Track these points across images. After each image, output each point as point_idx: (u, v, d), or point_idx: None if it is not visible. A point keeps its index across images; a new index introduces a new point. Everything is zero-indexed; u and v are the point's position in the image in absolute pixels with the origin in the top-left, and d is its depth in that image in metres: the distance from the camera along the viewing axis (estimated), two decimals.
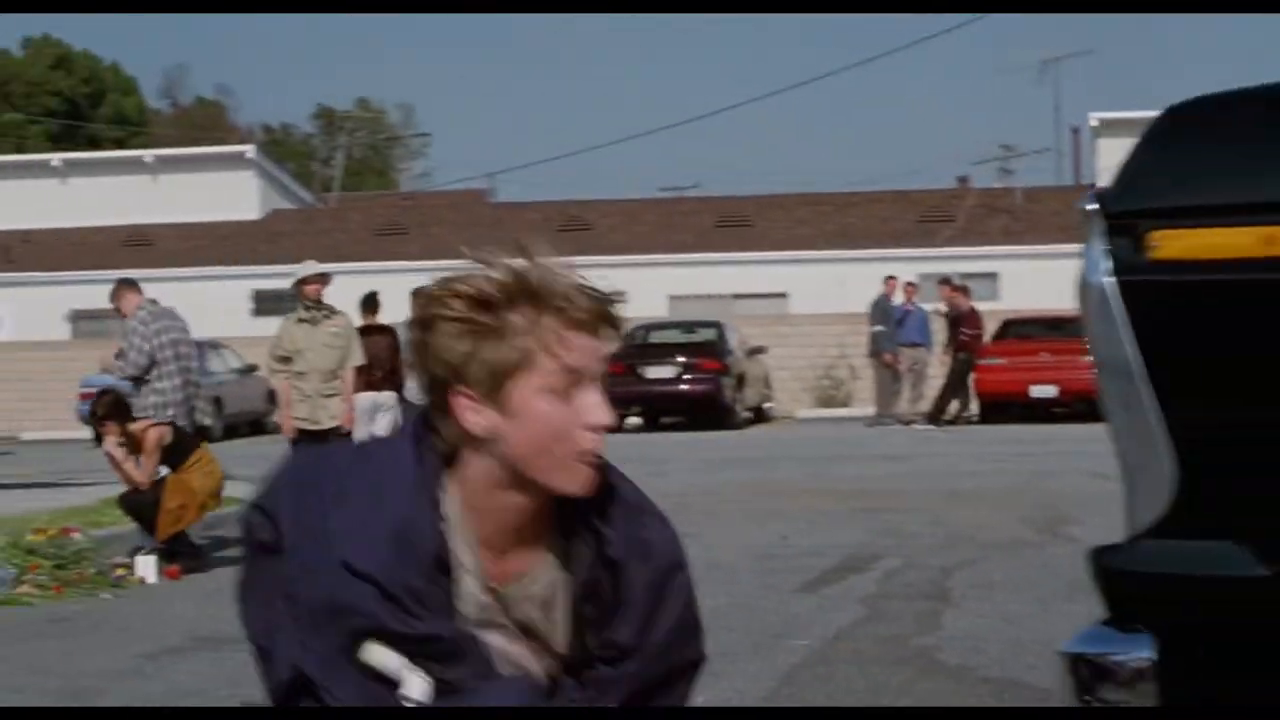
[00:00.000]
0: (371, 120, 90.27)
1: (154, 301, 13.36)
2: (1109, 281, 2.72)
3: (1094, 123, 48.11)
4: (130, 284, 13.44)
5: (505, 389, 2.60)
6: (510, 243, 2.69)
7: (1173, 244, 2.67)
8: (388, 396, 17.21)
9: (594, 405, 2.63)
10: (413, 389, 17.67)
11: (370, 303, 17.42)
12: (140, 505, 12.59)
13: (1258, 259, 2.59)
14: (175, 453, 12.72)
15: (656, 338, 32.29)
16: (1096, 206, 2.75)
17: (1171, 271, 2.67)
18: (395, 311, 18.61)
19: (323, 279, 14.37)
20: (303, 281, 14.38)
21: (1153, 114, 2.89)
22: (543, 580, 2.80)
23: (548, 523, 2.78)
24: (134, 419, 12.70)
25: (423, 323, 2.66)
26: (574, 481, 2.66)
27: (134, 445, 12.66)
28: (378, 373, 16.17)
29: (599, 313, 2.64)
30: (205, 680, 8.45)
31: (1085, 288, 2.77)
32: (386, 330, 17.13)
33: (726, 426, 29.91)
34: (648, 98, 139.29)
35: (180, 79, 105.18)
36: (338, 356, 14.10)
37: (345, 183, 76.96)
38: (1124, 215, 2.72)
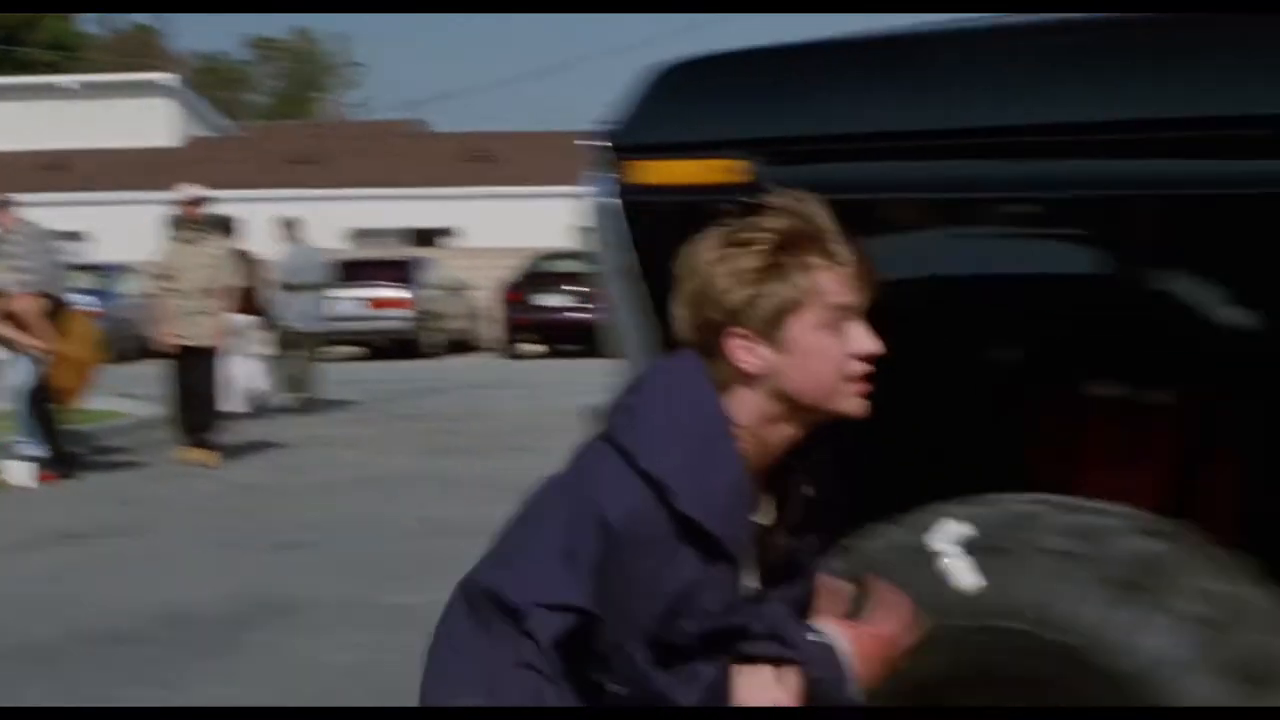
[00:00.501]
0: (303, 50, 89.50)
1: (29, 223, 13.82)
2: (613, 203, 3.45)
3: None
4: (5, 201, 13.90)
5: (783, 327, 2.73)
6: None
7: (657, 172, 3.39)
8: (245, 320, 17.69)
9: (862, 336, 2.77)
10: (284, 312, 18.32)
11: (225, 227, 17.66)
12: (35, 400, 13.09)
13: (717, 184, 3.32)
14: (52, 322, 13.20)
15: (548, 267, 32.30)
16: (608, 142, 3.47)
17: (656, 194, 3.40)
18: (315, 236, 19.18)
19: (198, 202, 14.91)
20: (181, 203, 14.93)
21: None
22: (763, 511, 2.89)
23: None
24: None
25: (703, 269, 2.80)
26: (853, 405, 2.79)
27: (20, 324, 13.07)
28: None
29: (857, 254, 2.78)
30: (57, 570, 9.28)
31: (598, 208, 3.48)
32: (243, 255, 17.54)
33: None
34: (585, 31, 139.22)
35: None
36: (212, 275, 14.59)
37: (280, 111, 76.30)
38: (624, 149, 3.44)
